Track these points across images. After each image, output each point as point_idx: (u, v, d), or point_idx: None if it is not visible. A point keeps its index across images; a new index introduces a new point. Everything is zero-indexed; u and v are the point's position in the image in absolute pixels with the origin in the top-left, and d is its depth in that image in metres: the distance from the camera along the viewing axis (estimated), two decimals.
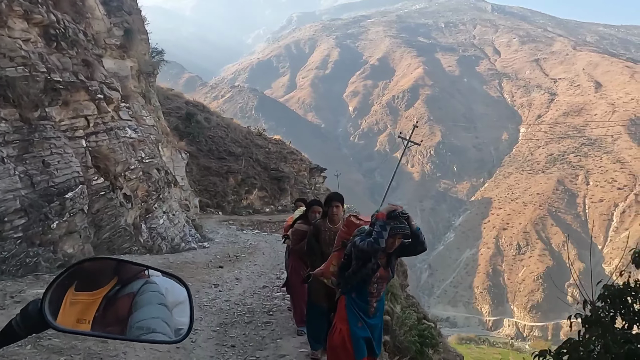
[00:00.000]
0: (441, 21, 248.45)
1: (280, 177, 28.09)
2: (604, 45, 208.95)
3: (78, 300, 0.93)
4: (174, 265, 9.25)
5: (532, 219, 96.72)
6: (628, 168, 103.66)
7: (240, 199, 25.22)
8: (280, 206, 27.37)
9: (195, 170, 23.36)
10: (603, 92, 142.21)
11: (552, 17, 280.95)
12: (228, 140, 28.28)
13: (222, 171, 24.87)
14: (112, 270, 0.99)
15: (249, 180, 26.09)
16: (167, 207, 12.38)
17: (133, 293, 0.94)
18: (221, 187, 23.97)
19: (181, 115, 26.79)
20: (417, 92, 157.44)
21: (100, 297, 0.94)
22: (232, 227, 19.21)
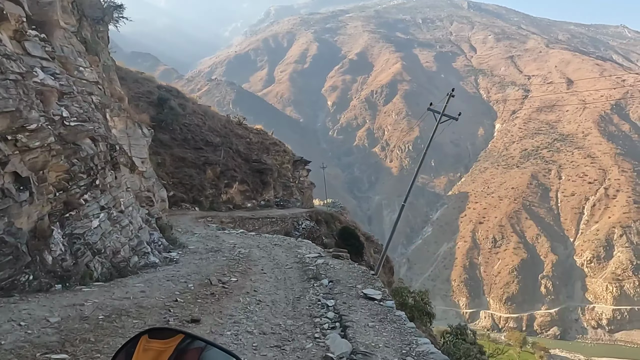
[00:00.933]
0: (419, 17, 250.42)
1: (263, 170, 26.00)
2: (575, 44, 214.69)
3: (151, 347, 0.98)
4: (91, 321, 4.73)
5: (507, 212, 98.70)
6: (598, 163, 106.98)
7: (219, 193, 22.94)
8: (263, 201, 25.48)
9: (169, 161, 21.02)
10: (574, 89, 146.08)
11: (526, 15, 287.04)
12: (205, 129, 25.85)
13: (198, 162, 22.49)
14: (178, 330, 1.05)
15: (229, 172, 23.85)
16: (109, 201, 8.14)
17: (201, 348, 0.99)
18: (198, 180, 21.57)
19: (152, 101, 24.13)
20: (396, 87, 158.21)
21: (172, 346, 0.99)
22: (211, 225, 16.54)
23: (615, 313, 78.69)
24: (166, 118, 23.46)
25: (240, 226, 18.10)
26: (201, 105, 30.77)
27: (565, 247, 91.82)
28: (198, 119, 26.45)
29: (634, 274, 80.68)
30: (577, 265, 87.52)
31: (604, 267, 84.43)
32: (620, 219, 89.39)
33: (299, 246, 13.28)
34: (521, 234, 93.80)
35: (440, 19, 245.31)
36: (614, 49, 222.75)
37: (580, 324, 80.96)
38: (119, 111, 11.48)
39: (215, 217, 18.49)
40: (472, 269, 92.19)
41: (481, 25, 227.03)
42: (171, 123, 23.69)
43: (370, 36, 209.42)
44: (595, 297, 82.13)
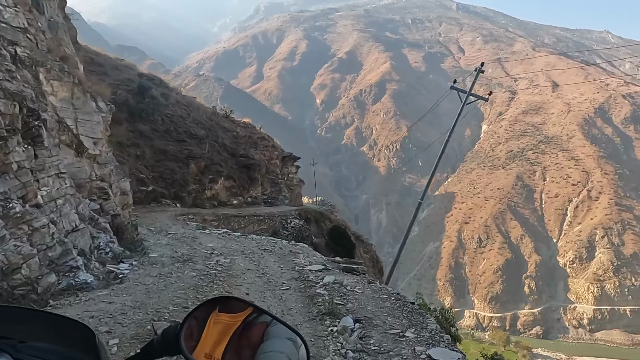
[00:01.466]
0: (408, 17, 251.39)
1: (250, 165, 24.73)
2: (560, 48, 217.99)
3: (220, 320, 1.03)
4: None
5: (492, 213, 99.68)
6: (581, 165, 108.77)
7: (203, 189, 21.64)
8: (250, 197, 24.30)
9: (149, 154, 19.55)
10: (559, 92, 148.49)
11: (513, 19, 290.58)
12: (189, 120, 24.50)
13: (181, 156, 21.02)
14: (248, 303, 1.10)
15: (214, 167, 22.45)
16: (12, 188, 5.82)
17: (266, 323, 1.03)
18: (180, 175, 20.06)
19: (132, 89, 22.54)
20: (384, 86, 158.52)
21: (240, 320, 1.04)
22: (192, 223, 14.62)
23: (596, 313, 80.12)
24: (147, 108, 21.73)
25: (225, 225, 16.72)
26: (185, 96, 29.12)
27: (549, 248, 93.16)
28: (182, 109, 25.14)
29: (614, 274, 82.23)
30: (560, 266, 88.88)
31: (585, 268, 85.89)
32: (602, 220, 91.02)
33: (295, 253, 10.66)
34: (506, 235, 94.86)
35: (429, 20, 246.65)
36: (597, 53, 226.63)
37: (562, 324, 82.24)
38: (61, 74, 8.55)
39: (198, 215, 16.89)
40: (458, 269, 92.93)
41: (469, 27, 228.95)
42: (152, 113, 21.94)
43: (360, 35, 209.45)
44: (577, 297, 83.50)
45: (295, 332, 1.03)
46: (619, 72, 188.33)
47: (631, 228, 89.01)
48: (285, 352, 0.95)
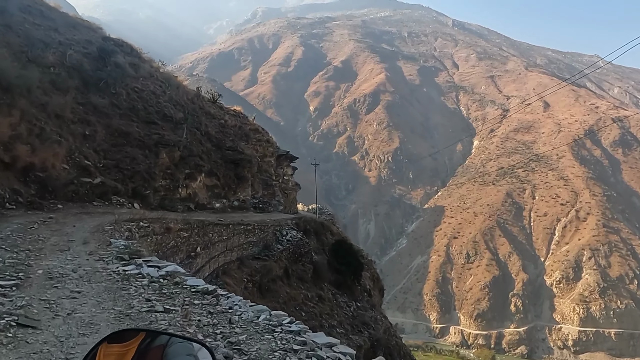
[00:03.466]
0: (404, 30, 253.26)
1: (239, 161, 20.57)
2: (552, 69, 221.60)
3: (112, 352, 0.95)
4: None
5: (481, 229, 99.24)
6: (570, 185, 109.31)
7: (176, 187, 17.02)
8: (236, 201, 20.37)
9: (103, 135, 15.04)
10: (550, 112, 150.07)
11: (507, 38, 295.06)
12: (165, 99, 20.05)
13: (149, 141, 16.48)
14: (140, 329, 1.04)
15: (193, 160, 18.01)
16: None
17: (163, 345, 0.96)
18: (145, 166, 15.55)
19: (90, 53, 18.15)
20: (378, 97, 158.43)
21: (133, 348, 0.96)
22: (120, 243, 7.28)
23: (580, 334, 79.69)
24: (107, 77, 17.20)
25: (200, 235, 12.89)
26: (163, 72, 24.29)
27: (536, 267, 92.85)
28: (156, 85, 20.71)
29: (600, 296, 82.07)
30: (546, 285, 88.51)
31: (572, 288, 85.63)
32: (590, 241, 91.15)
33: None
34: (494, 251, 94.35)
35: (425, 34, 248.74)
36: (587, 76, 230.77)
37: (547, 344, 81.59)
38: None
39: (157, 222, 10.95)
40: (445, 284, 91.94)
41: (464, 44, 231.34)
42: (114, 85, 17.37)
43: (356, 45, 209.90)
44: (562, 317, 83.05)
45: (199, 343, 0.98)
46: (608, 95, 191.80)
47: (618, 250, 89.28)
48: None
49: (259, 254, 16.76)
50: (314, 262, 18.69)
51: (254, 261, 16.07)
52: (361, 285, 20.87)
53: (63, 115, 13.65)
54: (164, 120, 18.50)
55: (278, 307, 13.92)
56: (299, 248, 18.58)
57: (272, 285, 16.03)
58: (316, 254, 20.00)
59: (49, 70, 14.89)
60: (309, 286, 18.16)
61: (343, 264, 19.65)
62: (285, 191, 27.02)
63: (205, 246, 13.11)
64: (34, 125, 11.87)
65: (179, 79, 25.89)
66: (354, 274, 19.78)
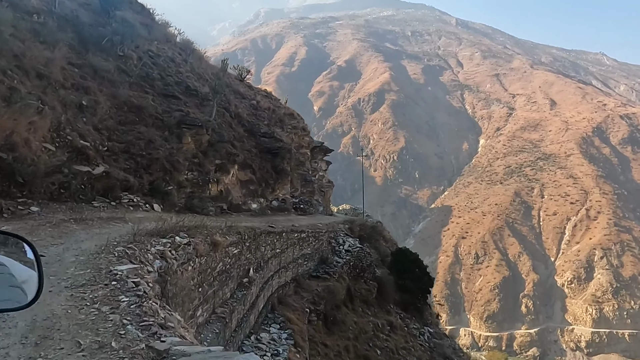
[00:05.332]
0: (408, 30, 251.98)
1: (277, 151, 17.07)
2: (557, 67, 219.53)
3: None
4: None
5: (490, 229, 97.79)
6: (580, 184, 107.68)
7: (205, 181, 13.26)
8: (275, 200, 16.94)
9: (107, 108, 11.39)
10: (557, 110, 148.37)
11: (511, 37, 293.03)
12: (186, 68, 16.66)
13: (169, 120, 12.85)
14: None
15: (223, 147, 14.43)
16: None
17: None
18: (165, 152, 11.88)
19: (90, 4, 15.03)
20: (383, 96, 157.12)
21: None
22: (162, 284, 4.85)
23: (594, 336, 78.17)
24: (112, 35, 13.61)
25: (252, 251, 9.67)
26: (183, 37, 20.42)
27: (546, 267, 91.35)
28: (174, 51, 17.43)
29: (613, 297, 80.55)
30: (557, 286, 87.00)
31: (584, 289, 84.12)
32: (601, 240, 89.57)
33: None
34: (503, 251, 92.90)
35: (428, 33, 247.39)
36: (593, 74, 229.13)
37: (559, 346, 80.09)
38: None
39: (197, 230, 7.19)
40: (454, 285, 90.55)
41: (468, 42, 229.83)
42: (121, 45, 13.82)
43: (360, 44, 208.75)
44: (574, 318, 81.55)
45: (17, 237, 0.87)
46: (614, 93, 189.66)
47: (630, 250, 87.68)
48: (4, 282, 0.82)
49: (317, 270, 13.87)
50: (377, 279, 15.44)
51: (312, 281, 13.19)
52: (429, 305, 18.04)
53: (49, 75, 9.90)
54: (187, 94, 14.93)
55: (350, 346, 11.62)
56: (360, 260, 15.36)
57: (337, 313, 13.05)
58: (376, 266, 16.93)
59: (30, 18, 11.31)
60: (376, 310, 15.27)
61: (410, 280, 16.59)
62: (322, 189, 23.73)
63: (259, 266, 10.09)
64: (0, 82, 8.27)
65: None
66: (423, 292, 17.00)
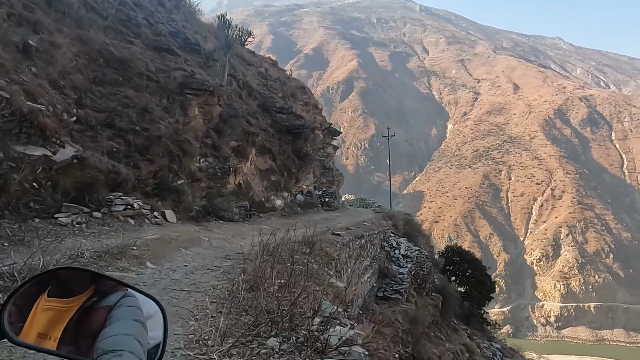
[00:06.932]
0: (373, 17, 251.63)
1: (298, 130, 13.78)
2: (518, 52, 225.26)
3: (51, 306, 0.84)
4: None
5: (461, 212, 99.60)
6: (544, 164, 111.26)
7: (225, 171, 9.63)
8: (299, 193, 13.79)
9: (71, 56, 7.79)
10: (520, 94, 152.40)
11: (473, 22, 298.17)
12: (180, 16, 13.70)
13: (168, 82, 9.40)
14: (89, 280, 0.91)
15: (238, 123, 10.81)
16: None
17: (110, 306, 0.87)
18: (169, 128, 8.60)
19: None
20: (352, 84, 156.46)
21: (76, 305, 0.86)
22: None
23: (562, 310, 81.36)
24: None
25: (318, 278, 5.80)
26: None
27: (516, 246, 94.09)
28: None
29: (579, 272, 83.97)
30: (527, 264, 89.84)
31: (552, 266, 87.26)
32: (566, 219, 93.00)
33: None
34: (475, 233, 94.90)
35: (394, 20, 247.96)
36: (552, 58, 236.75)
37: (530, 322, 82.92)
38: None
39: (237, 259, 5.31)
40: None
41: (433, 29, 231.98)
42: None
43: (326, 32, 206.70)
44: (544, 294, 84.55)
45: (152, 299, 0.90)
46: (571, 76, 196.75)
47: (593, 226, 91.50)
48: (132, 334, 0.82)
49: (383, 289, 10.95)
50: (438, 288, 12.35)
51: (381, 305, 10.27)
52: (488, 313, 15.11)
53: None
54: (187, 49, 11.32)
55: None
56: (421, 268, 12.34)
57: (421, 349, 10.15)
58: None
59: None
60: (448, 333, 12.38)
61: (471, 286, 13.71)
62: (335, 178, 20.84)
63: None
64: None
65: None
66: (486, 300, 14.77)
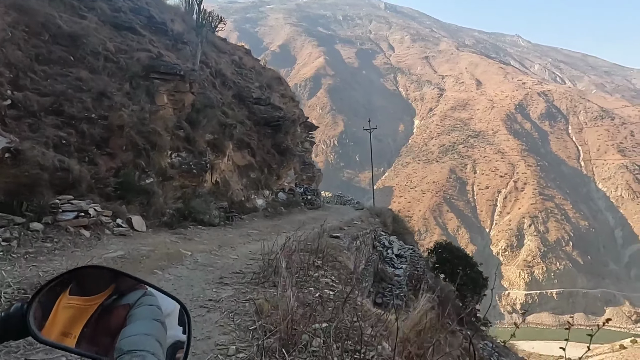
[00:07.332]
0: (339, 14, 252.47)
1: (278, 123, 13.22)
2: (480, 49, 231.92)
3: (72, 304, 0.86)
4: None
5: (430, 206, 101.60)
6: (507, 158, 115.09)
7: (202, 168, 8.77)
8: (281, 191, 13.27)
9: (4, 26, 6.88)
10: (483, 90, 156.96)
11: (436, 20, 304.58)
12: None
13: (130, 64, 8.47)
14: (109, 279, 0.92)
15: (213, 114, 9.95)
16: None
17: (129, 305, 0.88)
18: (132, 116, 7.60)
19: None
20: (319, 81, 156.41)
21: (96, 304, 0.88)
22: None
23: (527, 297, 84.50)
24: None
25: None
26: None
27: (482, 238, 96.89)
28: None
29: (542, 260, 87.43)
30: (493, 254, 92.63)
31: (516, 255, 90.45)
32: (529, 209, 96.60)
33: None
34: (443, 226, 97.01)
35: (359, 17, 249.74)
36: (511, 55, 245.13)
37: (497, 310, 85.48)
38: None
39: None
40: None
41: (398, 26, 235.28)
42: None
43: (292, 29, 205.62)
44: (510, 283, 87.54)
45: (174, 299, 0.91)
46: (530, 72, 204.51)
47: (553, 216, 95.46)
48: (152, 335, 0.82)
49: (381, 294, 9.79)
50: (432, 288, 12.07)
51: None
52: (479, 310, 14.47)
53: None
54: (152, 29, 9.97)
55: None
56: (415, 268, 11.59)
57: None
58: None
59: None
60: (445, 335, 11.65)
61: (464, 284, 13.31)
62: (315, 174, 20.34)
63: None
64: None
65: None
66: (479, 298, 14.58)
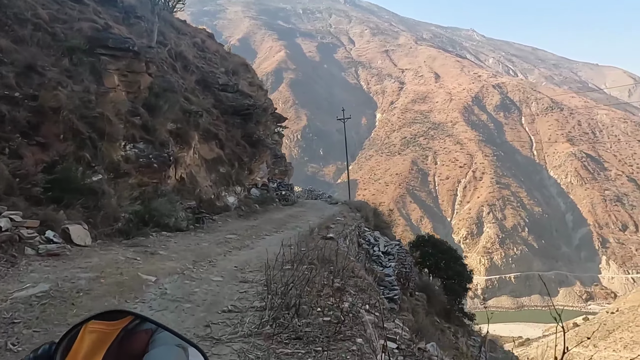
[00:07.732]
0: (299, 7, 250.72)
1: (248, 111, 12.63)
2: (437, 42, 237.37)
3: (95, 329, 0.90)
4: None
5: (394, 197, 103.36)
6: (466, 149, 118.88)
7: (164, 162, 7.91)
8: (254, 187, 12.87)
9: None
10: (441, 83, 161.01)
11: (395, 14, 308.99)
12: None
13: (70, 35, 7.71)
14: (129, 312, 0.97)
15: (175, 99, 9.15)
16: None
17: (152, 330, 0.91)
18: (72, 96, 6.67)
19: None
20: (281, 75, 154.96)
21: (118, 328, 0.91)
22: None
23: (487, 283, 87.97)
24: None
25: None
26: None
27: (445, 227, 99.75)
28: None
29: (500, 246, 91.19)
30: (455, 243, 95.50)
31: (477, 243, 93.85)
32: (487, 198, 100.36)
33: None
34: (407, 217, 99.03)
35: (319, 11, 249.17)
36: (467, 49, 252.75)
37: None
38: None
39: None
40: None
41: (357, 20, 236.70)
42: None
43: (252, 22, 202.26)
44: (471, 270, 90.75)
45: (186, 341, 0.93)
46: (485, 65, 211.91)
47: (510, 203, 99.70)
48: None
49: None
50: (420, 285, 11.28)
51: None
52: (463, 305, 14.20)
53: None
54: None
55: None
56: (403, 265, 11.32)
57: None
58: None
59: None
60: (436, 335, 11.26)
61: (450, 278, 12.99)
62: (287, 168, 19.78)
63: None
64: None
65: None
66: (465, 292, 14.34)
